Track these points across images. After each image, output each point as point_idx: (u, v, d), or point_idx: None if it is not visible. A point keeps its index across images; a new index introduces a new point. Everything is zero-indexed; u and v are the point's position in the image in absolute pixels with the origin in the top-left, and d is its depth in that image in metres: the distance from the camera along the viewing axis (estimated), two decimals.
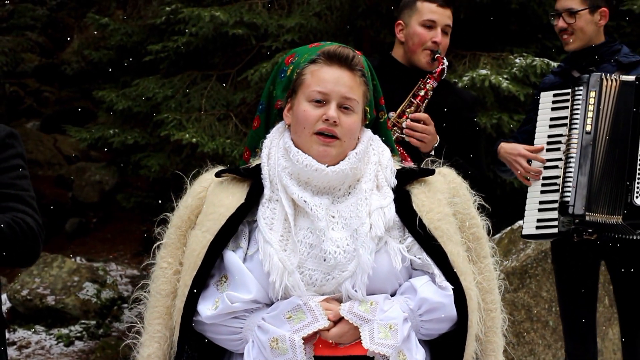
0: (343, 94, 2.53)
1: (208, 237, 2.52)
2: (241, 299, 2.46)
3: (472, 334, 2.50)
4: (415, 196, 2.57)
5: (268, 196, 2.54)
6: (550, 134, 4.21)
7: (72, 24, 13.81)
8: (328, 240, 2.46)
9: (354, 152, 2.55)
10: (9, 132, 3.03)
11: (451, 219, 2.56)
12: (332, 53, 2.56)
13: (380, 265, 2.47)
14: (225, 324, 2.49)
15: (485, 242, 2.62)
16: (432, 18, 3.95)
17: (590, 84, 4.12)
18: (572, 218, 4.05)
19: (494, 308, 2.59)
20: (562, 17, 4.30)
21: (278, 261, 2.44)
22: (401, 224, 2.53)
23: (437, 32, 3.95)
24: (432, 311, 2.47)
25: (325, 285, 2.46)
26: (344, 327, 2.42)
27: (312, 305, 2.42)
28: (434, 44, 3.95)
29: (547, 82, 4.41)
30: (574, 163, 4.08)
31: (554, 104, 4.22)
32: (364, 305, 2.43)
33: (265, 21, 7.20)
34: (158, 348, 2.56)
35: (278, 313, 2.44)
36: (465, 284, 2.49)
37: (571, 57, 4.42)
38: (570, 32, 4.30)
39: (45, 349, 8.44)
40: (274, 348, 2.40)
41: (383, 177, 2.57)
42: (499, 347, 2.59)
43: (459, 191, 2.62)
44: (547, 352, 5.74)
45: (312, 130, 2.52)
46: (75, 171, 11.64)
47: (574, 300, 4.32)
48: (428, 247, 2.50)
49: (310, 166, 2.51)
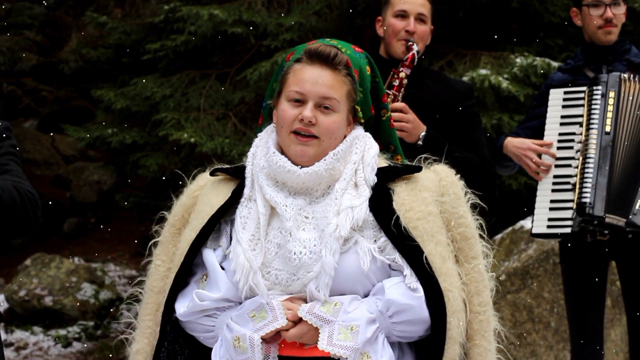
0: (321, 93, 2.51)
1: (192, 235, 2.55)
2: (210, 297, 2.49)
3: (452, 337, 2.43)
4: (397, 194, 2.53)
5: (247, 195, 2.55)
6: (561, 131, 4.18)
7: (70, 23, 13.80)
8: (295, 241, 2.45)
9: (332, 152, 2.53)
10: (6, 125, 3.15)
11: (434, 218, 2.51)
12: (314, 52, 2.55)
13: (347, 266, 2.45)
14: (198, 322, 2.52)
15: (475, 243, 2.56)
16: (403, 8, 4.00)
17: (609, 84, 4.09)
18: (591, 219, 4.02)
19: (482, 311, 2.52)
20: (609, 7, 4.24)
21: (244, 260, 2.45)
22: (376, 223, 2.50)
23: (410, 21, 3.98)
24: (400, 313, 2.43)
25: (291, 286, 2.45)
26: (303, 328, 2.41)
27: (274, 304, 2.43)
28: (406, 33, 3.98)
29: (556, 79, 4.37)
30: (593, 164, 4.04)
31: (564, 102, 4.18)
32: (326, 306, 2.42)
33: (265, 20, 7.19)
34: (147, 344, 2.58)
35: (243, 312, 2.46)
36: (445, 285, 2.44)
37: (582, 54, 4.37)
38: (614, 24, 4.25)
39: (43, 350, 8.43)
40: (236, 347, 2.42)
41: (362, 175, 2.54)
42: (487, 351, 2.52)
43: (448, 189, 2.57)
44: (549, 354, 5.72)
45: (289, 130, 2.52)
46: (74, 171, 11.63)
47: (582, 301, 4.28)
48: (402, 247, 2.46)
49: (283, 167, 2.51)
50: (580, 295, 4.28)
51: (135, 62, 8.24)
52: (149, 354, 2.57)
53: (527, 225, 6.03)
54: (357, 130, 2.62)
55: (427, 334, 2.47)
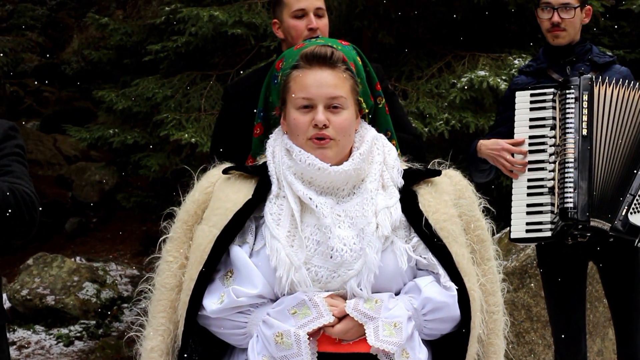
0: (328, 94, 2.54)
1: (215, 231, 2.53)
2: (247, 293, 2.47)
3: (475, 335, 2.51)
4: (422, 196, 2.58)
5: (275, 192, 2.55)
6: (531, 134, 4.13)
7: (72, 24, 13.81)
8: (335, 238, 2.47)
9: (358, 152, 2.56)
10: (11, 125, 3.15)
11: (456, 220, 2.57)
12: (311, 55, 2.56)
13: (386, 265, 2.48)
14: (230, 319, 2.50)
15: (490, 245, 2.64)
16: (300, 7, 3.89)
17: (581, 87, 4.07)
18: (575, 223, 4.01)
19: (496, 310, 2.60)
20: (557, 12, 4.23)
21: (285, 256, 2.45)
22: (407, 223, 2.55)
23: (310, 18, 3.88)
24: (435, 311, 2.48)
25: (331, 283, 2.47)
26: (349, 324, 2.43)
27: (317, 301, 2.43)
28: (310, 31, 3.90)
29: (521, 82, 4.33)
30: (572, 168, 4.02)
31: (532, 104, 4.14)
32: (369, 303, 2.44)
33: (265, 21, 7.20)
34: (162, 341, 2.57)
35: (283, 308, 2.45)
36: (469, 285, 2.50)
37: (544, 55, 4.35)
38: (563, 28, 4.23)
39: (45, 349, 8.44)
40: (279, 343, 2.41)
41: (389, 176, 2.58)
42: (500, 349, 2.61)
43: (464, 193, 2.63)
44: (547, 352, 5.74)
45: (305, 137, 2.54)
46: (75, 171, 11.64)
47: (565, 303, 4.29)
48: (433, 247, 2.51)
49: (313, 165, 2.52)
50: (563, 297, 4.29)
51: (136, 63, 8.26)
52: (164, 352, 2.57)
53: None
54: (369, 128, 2.66)
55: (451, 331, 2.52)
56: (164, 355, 2.57)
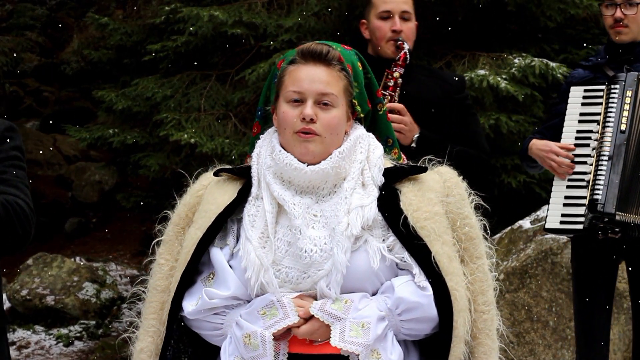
0: (319, 90, 2.53)
1: (198, 234, 2.55)
2: (219, 295, 2.50)
3: (458, 336, 2.47)
4: (404, 195, 2.55)
5: (255, 194, 2.56)
6: (579, 129, 4.21)
7: (72, 24, 13.81)
8: (305, 239, 2.47)
9: (337, 150, 2.55)
10: (7, 125, 3.08)
11: (440, 218, 2.54)
12: (306, 51, 2.57)
13: (358, 264, 2.47)
14: (207, 320, 2.53)
15: (480, 243, 2.60)
16: (386, 9, 3.99)
17: (627, 83, 4.12)
18: (602, 216, 4.04)
19: (486, 310, 2.56)
20: (620, 7, 4.25)
21: (255, 257, 2.46)
22: (384, 222, 2.52)
23: (395, 20, 3.97)
24: (409, 311, 2.46)
25: (302, 283, 2.47)
26: (315, 325, 2.43)
27: (285, 301, 2.44)
28: (394, 33, 3.97)
29: (577, 76, 4.39)
30: (607, 161, 4.08)
31: (584, 99, 4.21)
32: (337, 304, 2.44)
33: (264, 21, 7.20)
34: (151, 342, 2.59)
35: (253, 309, 2.47)
36: (451, 284, 2.47)
37: (605, 51, 4.39)
38: (625, 24, 4.26)
39: (45, 349, 8.44)
40: (247, 344, 2.43)
41: (369, 175, 2.57)
42: (492, 349, 2.56)
43: (453, 190, 2.60)
44: (547, 352, 5.74)
45: (292, 130, 2.54)
46: (75, 171, 11.64)
47: (591, 300, 4.28)
48: (411, 247, 2.48)
49: (290, 165, 2.52)
50: (590, 294, 4.28)
51: (136, 63, 8.25)
52: (153, 353, 2.58)
53: (526, 225, 6.05)
54: (358, 128, 2.64)
55: (433, 332, 2.50)
56: (153, 356, 2.59)
